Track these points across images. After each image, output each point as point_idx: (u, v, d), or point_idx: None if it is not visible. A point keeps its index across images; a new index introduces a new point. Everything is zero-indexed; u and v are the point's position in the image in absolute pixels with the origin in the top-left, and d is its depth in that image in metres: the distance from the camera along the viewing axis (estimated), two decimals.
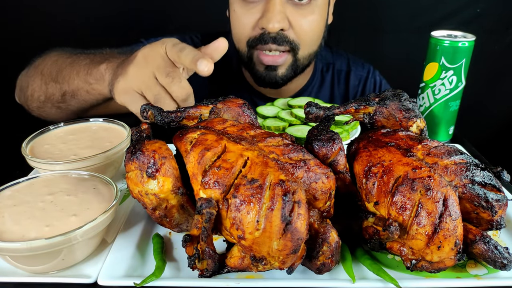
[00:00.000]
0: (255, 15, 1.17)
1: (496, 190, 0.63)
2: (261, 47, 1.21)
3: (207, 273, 0.62)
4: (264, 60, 1.24)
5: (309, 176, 0.61)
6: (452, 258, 0.60)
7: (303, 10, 1.17)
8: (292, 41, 1.20)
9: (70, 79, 1.07)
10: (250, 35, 1.21)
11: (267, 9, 1.14)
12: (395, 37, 1.97)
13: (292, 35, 1.19)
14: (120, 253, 0.68)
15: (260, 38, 1.19)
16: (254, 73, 1.30)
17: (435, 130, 1.11)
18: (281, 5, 1.14)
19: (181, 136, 0.68)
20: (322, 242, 0.60)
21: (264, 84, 1.31)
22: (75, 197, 0.71)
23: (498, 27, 1.92)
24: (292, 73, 1.28)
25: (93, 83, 1.02)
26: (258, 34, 1.19)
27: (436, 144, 0.68)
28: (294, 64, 1.26)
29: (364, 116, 0.79)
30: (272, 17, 1.13)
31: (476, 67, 1.12)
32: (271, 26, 1.13)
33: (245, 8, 1.18)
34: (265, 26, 1.15)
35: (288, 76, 1.28)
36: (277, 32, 1.16)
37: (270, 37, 1.17)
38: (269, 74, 1.26)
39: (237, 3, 1.20)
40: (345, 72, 1.49)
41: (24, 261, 0.63)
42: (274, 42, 1.18)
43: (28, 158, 0.83)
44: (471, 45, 1.02)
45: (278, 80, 1.27)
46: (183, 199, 0.65)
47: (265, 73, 1.26)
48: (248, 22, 1.19)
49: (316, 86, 1.47)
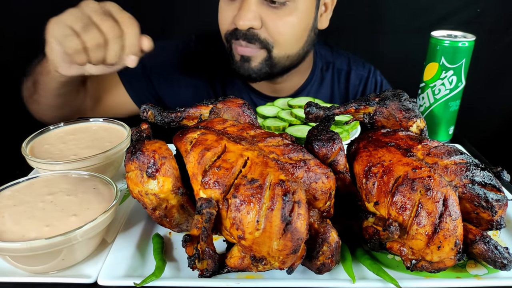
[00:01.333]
0: (232, 11, 1.21)
1: (496, 190, 0.63)
2: (234, 42, 1.26)
3: (207, 273, 0.62)
4: (238, 50, 1.27)
5: (309, 176, 0.61)
6: (452, 258, 0.60)
7: (279, 11, 1.19)
8: (263, 40, 1.22)
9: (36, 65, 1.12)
10: (228, 29, 1.26)
11: (241, 7, 1.18)
12: (395, 37, 1.97)
13: (264, 34, 1.22)
14: (120, 253, 0.68)
15: (233, 33, 1.24)
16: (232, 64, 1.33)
17: (435, 130, 1.11)
18: (255, 5, 1.17)
19: (181, 136, 0.68)
20: (322, 242, 0.60)
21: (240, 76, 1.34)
22: (75, 197, 0.71)
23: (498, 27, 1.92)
24: (267, 68, 1.29)
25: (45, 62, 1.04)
26: (232, 29, 1.23)
27: (436, 144, 0.68)
28: (268, 60, 1.27)
29: (364, 116, 0.79)
30: (243, 15, 1.17)
31: (476, 67, 1.12)
32: (241, 23, 1.18)
33: (227, 4, 1.23)
34: (236, 23, 1.19)
35: (263, 71, 1.29)
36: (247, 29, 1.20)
37: (242, 33, 1.21)
38: (243, 65, 1.29)
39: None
40: (345, 72, 1.50)
41: (24, 261, 0.63)
42: (245, 38, 1.22)
43: (28, 158, 0.83)
44: (471, 45, 1.02)
45: (251, 73, 1.29)
46: (183, 199, 0.65)
47: (239, 64, 1.29)
48: (227, 16, 1.24)
49: (315, 84, 1.47)
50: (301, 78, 1.43)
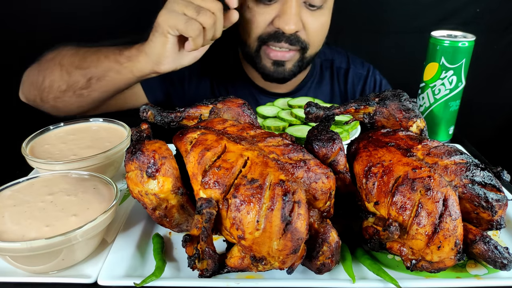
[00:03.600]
0: (271, 14, 1.20)
1: (496, 190, 0.63)
2: (273, 44, 1.24)
3: (207, 273, 0.62)
4: (271, 55, 1.26)
5: (309, 176, 0.61)
6: (452, 258, 0.60)
7: (316, 12, 1.21)
8: (303, 41, 1.23)
9: (98, 62, 1.11)
10: (264, 31, 1.24)
11: (284, 11, 1.17)
12: (395, 37, 1.97)
13: (304, 36, 1.23)
14: (120, 253, 0.68)
15: (274, 35, 1.22)
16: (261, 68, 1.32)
17: (435, 130, 1.11)
18: (297, 8, 1.17)
19: (181, 136, 0.68)
20: (322, 242, 0.60)
21: (271, 79, 1.33)
22: (75, 197, 0.71)
23: (498, 27, 1.92)
24: (298, 69, 1.31)
25: (125, 62, 1.07)
26: (273, 31, 1.22)
27: (436, 144, 0.68)
28: (301, 61, 1.29)
29: (364, 116, 0.79)
30: (289, 19, 1.16)
31: (476, 67, 1.12)
32: (287, 28, 1.17)
33: (261, 6, 1.21)
34: (281, 27, 1.18)
35: (295, 72, 1.31)
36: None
37: (284, 36, 1.21)
38: (277, 69, 1.29)
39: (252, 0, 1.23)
40: (344, 70, 1.50)
41: (24, 261, 0.63)
42: (287, 41, 1.22)
43: (28, 158, 0.83)
44: (471, 45, 1.02)
45: (286, 75, 1.30)
46: (183, 199, 0.65)
47: (273, 69, 1.29)
48: (263, 19, 1.22)
49: (315, 81, 1.48)
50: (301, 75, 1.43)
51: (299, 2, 1.17)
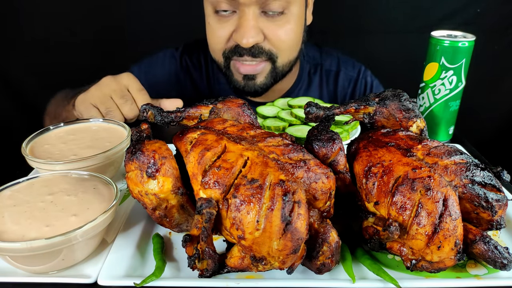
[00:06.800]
0: (229, 28, 1.17)
1: (496, 190, 0.63)
2: (237, 58, 1.21)
3: (207, 273, 0.62)
4: (241, 70, 1.23)
5: (309, 176, 0.61)
6: (452, 258, 0.60)
7: (278, 21, 1.16)
8: (268, 51, 1.19)
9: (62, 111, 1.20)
10: (225, 47, 1.21)
11: (240, 24, 1.13)
12: (395, 37, 1.97)
13: (268, 46, 1.19)
14: (120, 253, 0.68)
15: (235, 50, 1.19)
16: (232, 82, 1.29)
17: (435, 130, 1.11)
18: (255, 20, 1.13)
19: (181, 136, 0.68)
20: (322, 242, 0.60)
21: (243, 93, 1.30)
22: (75, 197, 0.71)
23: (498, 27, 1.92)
24: (271, 80, 1.27)
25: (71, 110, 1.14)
26: (233, 46, 1.19)
27: (436, 144, 0.68)
28: (273, 71, 1.25)
29: (364, 116, 0.79)
30: (246, 32, 1.12)
31: (476, 67, 1.12)
32: (245, 41, 1.14)
33: (219, 21, 1.18)
34: (239, 41, 1.15)
35: (268, 84, 1.27)
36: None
37: (245, 49, 1.17)
38: (248, 83, 1.25)
39: (211, 16, 1.20)
40: (334, 73, 1.46)
41: (24, 261, 0.63)
42: (249, 54, 1.18)
43: (28, 158, 0.83)
44: (471, 45, 1.02)
45: (257, 88, 1.27)
46: (183, 199, 0.65)
47: (243, 83, 1.26)
48: (222, 35, 1.19)
49: (303, 88, 1.44)
50: (288, 82, 1.41)
51: (256, 13, 1.13)
